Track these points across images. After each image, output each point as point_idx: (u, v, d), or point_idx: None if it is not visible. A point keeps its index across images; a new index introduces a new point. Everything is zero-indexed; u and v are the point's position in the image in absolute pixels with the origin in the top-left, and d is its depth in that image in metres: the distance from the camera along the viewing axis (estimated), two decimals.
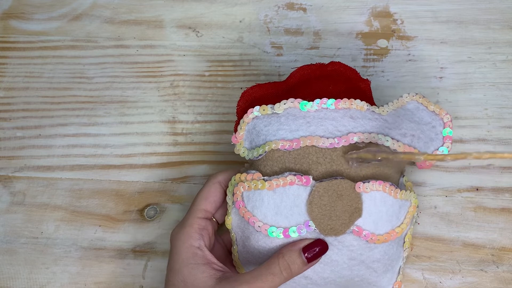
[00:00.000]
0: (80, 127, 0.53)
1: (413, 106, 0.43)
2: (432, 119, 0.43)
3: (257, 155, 0.41)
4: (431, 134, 0.43)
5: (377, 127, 0.41)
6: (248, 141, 0.42)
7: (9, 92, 0.55)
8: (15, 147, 0.53)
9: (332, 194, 0.39)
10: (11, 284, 0.47)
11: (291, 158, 0.40)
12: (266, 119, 0.42)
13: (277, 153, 0.40)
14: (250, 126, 0.42)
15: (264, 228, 0.39)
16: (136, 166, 0.51)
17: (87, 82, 0.55)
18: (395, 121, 0.42)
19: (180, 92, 0.54)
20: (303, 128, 0.40)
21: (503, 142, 0.50)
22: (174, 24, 0.57)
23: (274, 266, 0.38)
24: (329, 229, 0.39)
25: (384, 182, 0.39)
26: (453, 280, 0.46)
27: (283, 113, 0.41)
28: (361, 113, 0.41)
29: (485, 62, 0.53)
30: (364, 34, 0.55)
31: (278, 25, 0.56)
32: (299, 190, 0.39)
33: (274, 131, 0.41)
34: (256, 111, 0.42)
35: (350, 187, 0.39)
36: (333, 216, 0.39)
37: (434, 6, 0.56)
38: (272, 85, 0.45)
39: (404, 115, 0.43)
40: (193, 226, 0.41)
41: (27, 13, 0.59)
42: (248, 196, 0.40)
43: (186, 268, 0.39)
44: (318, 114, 0.41)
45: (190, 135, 0.52)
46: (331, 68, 0.45)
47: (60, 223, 0.49)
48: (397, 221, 0.40)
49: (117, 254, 0.48)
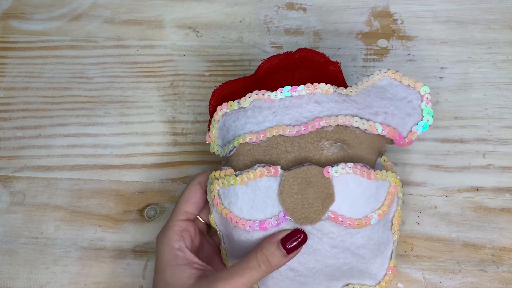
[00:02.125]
0: (80, 127, 0.53)
1: (385, 82, 0.41)
2: (408, 93, 0.41)
3: (228, 151, 0.41)
4: (408, 109, 0.41)
5: (345, 108, 0.40)
6: (220, 139, 0.43)
7: (9, 92, 0.55)
8: (15, 147, 0.53)
9: (301, 182, 0.38)
10: (11, 284, 0.47)
11: (260, 150, 0.40)
12: (234, 114, 0.42)
13: (247, 146, 0.40)
14: (220, 123, 0.43)
15: (241, 223, 0.39)
16: (136, 166, 0.51)
17: (87, 82, 0.55)
18: (365, 101, 0.41)
19: (180, 92, 0.54)
20: (269, 119, 0.40)
21: (503, 142, 0.50)
22: (174, 24, 0.57)
23: (252, 260, 0.38)
24: (304, 218, 0.38)
25: (355, 164, 0.38)
26: (453, 280, 0.46)
27: (249, 107, 0.41)
28: (327, 96, 0.40)
29: (485, 62, 0.53)
30: (364, 34, 0.55)
31: (278, 25, 0.56)
32: (269, 181, 0.39)
33: (242, 125, 0.41)
34: (225, 108, 0.42)
35: (318, 173, 0.38)
36: (306, 204, 0.38)
37: (434, 6, 0.56)
38: (241, 80, 0.45)
39: (376, 93, 0.41)
40: (174, 229, 0.41)
41: (27, 13, 0.59)
42: (224, 193, 0.40)
43: (168, 269, 0.40)
44: (283, 103, 0.41)
45: (190, 135, 0.52)
46: (298, 55, 0.44)
47: (60, 223, 0.49)
48: (376, 203, 0.39)
49: (117, 254, 0.48)
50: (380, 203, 0.40)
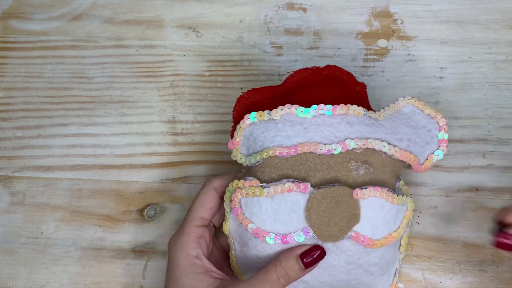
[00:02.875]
0: (80, 127, 0.53)
1: (409, 110, 0.43)
2: (428, 122, 0.43)
3: (254, 161, 0.41)
4: (427, 137, 0.43)
5: (374, 132, 0.41)
6: (245, 147, 0.42)
7: (9, 92, 0.55)
8: (15, 147, 0.53)
9: (330, 201, 0.39)
10: (11, 284, 0.47)
11: (289, 165, 0.40)
12: (263, 125, 0.42)
13: (275, 159, 0.40)
14: (247, 132, 0.42)
15: (263, 234, 0.39)
16: (136, 166, 0.51)
17: (87, 82, 0.55)
18: (392, 126, 0.42)
19: (180, 92, 0.54)
20: (300, 135, 0.40)
21: (503, 142, 0.50)
22: (174, 24, 0.57)
23: (271, 273, 0.38)
24: (327, 235, 0.39)
25: (382, 188, 0.39)
26: (453, 280, 0.46)
27: (280, 119, 0.41)
28: (358, 118, 0.41)
29: (485, 62, 0.53)
30: (364, 34, 0.55)
31: (278, 25, 0.56)
32: (297, 197, 0.39)
33: (271, 138, 0.41)
34: (252, 116, 0.42)
35: (348, 194, 0.39)
36: (331, 223, 0.39)
37: (434, 6, 0.56)
38: (268, 89, 0.45)
39: (401, 119, 0.43)
40: (190, 235, 0.41)
41: (27, 13, 0.59)
42: (246, 203, 0.40)
43: (185, 277, 0.39)
44: (315, 120, 0.41)
45: (190, 135, 0.52)
46: (327, 72, 0.45)
47: (60, 223, 0.49)
48: (394, 225, 0.41)
49: (117, 254, 0.48)
50: (397, 225, 0.41)
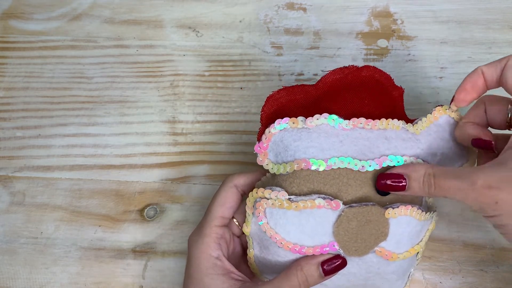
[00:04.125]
0: (80, 127, 0.53)
1: (444, 120, 0.41)
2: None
3: (283, 171, 0.39)
4: (458, 149, 0.41)
5: (410, 148, 0.39)
6: (273, 154, 0.39)
7: (9, 92, 0.55)
8: (15, 147, 0.53)
9: (361, 220, 0.38)
10: (11, 284, 0.47)
11: (320, 178, 0.38)
12: (296, 133, 0.39)
13: (307, 172, 0.38)
14: (277, 137, 0.39)
15: (287, 245, 0.39)
16: (136, 166, 0.51)
17: (87, 82, 0.55)
18: (427, 141, 0.40)
19: (180, 92, 0.54)
20: (335, 148, 0.38)
21: None
22: (174, 24, 0.57)
23: (293, 278, 0.38)
24: (354, 251, 0.38)
25: (412, 206, 0.38)
26: (453, 280, 0.46)
27: (315, 129, 0.38)
28: (395, 133, 0.39)
29: (485, 62, 0.53)
30: (364, 34, 0.55)
31: (278, 25, 0.56)
32: (327, 212, 0.38)
33: (304, 148, 0.38)
34: (285, 123, 0.39)
35: (379, 213, 0.38)
36: (359, 240, 0.38)
37: (434, 6, 0.56)
38: (300, 89, 0.41)
39: (436, 132, 0.41)
40: (211, 236, 0.40)
41: (26, 13, 0.59)
42: (272, 213, 0.39)
43: (206, 278, 0.39)
44: (352, 133, 0.39)
45: (190, 135, 0.52)
46: (365, 73, 0.42)
47: (60, 223, 0.49)
48: (417, 239, 0.40)
49: (117, 254, 0.48)
50: (420, 239, 0.40)
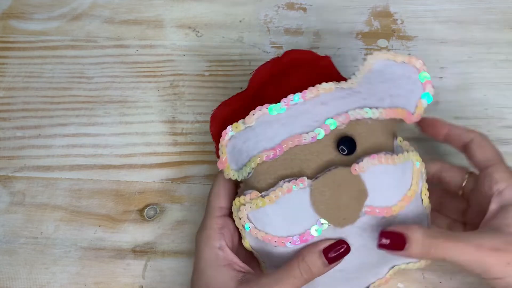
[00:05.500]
0: (80, 127, 0.53)
1: (380, 65, 0.41)
2: (404, 70, 0.40)
3: (246, 174, 0.40)
4: (409, 85, 0.40)
5: (352, 103, 0.39)
6: (234, 163, 0.41)
7: (9, 92, 0.55)
8: (15, 147, 0.53)
9: (331, 187, 0.37)
10: (11, 284, 0.47)
11: (280, 165, 0.39)
12: (243, 135, 0.40)
13: (265, 165, 0.39)
14: (229, 147, 0.41)
15: (281, 241, 0.39)
16: (136, 166, 0.51)
17: (87, 82, 0.55)
18: (368, 89, 0.40)
19: (180, 92, 0.54)
20: (280, 132, 0.39)
21: (503, 142, 0.50)
22: (174, 24, 0.57)
23: (294, 268, 0.38)
24: (342, 220, 0.37)
25: (378, 154, 0.38)
26: (453, 280, 0.46)
27: (256, 124, 0.39)
28: (331, 94, 0.39)
29: (485, 62, 0.53)
30: (364, 34, 0.55)
31: (278, 25, 0.56)
32: (299, 194, 0.38)
33: (254, 145, 0.40)
34: (230, 131, 0.40)
35: (346, 173, 0.37)
36: (342, 206, 0.37)
37: (434, 6, 0.56)
38: (236, 98, 0.43)
39: (375, 78, 0.41)
40: (213, 227, 0.41)
41: (27, 13, 0.59)
42: (254, 216, 0.39)
43: (209, 270, 0.39)
44: (290, 113, 0.39)
45: (190, 135, 0.52)
46: (286, 59, 0.43)
47: (60, 223, 0.49)
48: (405, 185, 0.39)
49: (117, 254, 0.48)
50: (409, 184, 0.39)
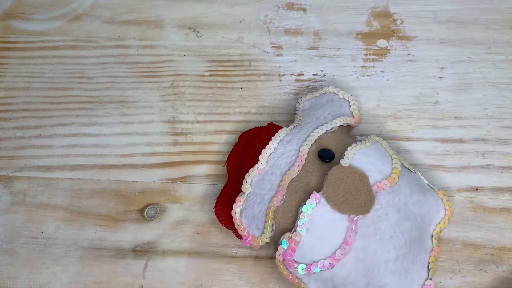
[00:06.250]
0: (80, 127, 0.53)
1: (308, 102, 0.49)
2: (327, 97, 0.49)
3: (270, 230, 0.43)
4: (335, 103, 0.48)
5: (307, 130, 0.46)
6: (255, 230, 0.44)
7: (9, 92, 0.55)
8: (15, 147, 0.53)
9: (338, 185, 0.42)
10: (11, 284, 0.47)
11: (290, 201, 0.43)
12: (248, 203, 0.44)
13: (279, 210, 0.43)
14: (244, 221, 0.44)
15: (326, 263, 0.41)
16: (136, 166, 0.51)
17: (87, 82, 0.55)
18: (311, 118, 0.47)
19: (180, 92, 0.54)
20: (272, 179, 0.44)
21: (503, 142, 0.50)
22: (174, 24, 0.57)
23: None
24: (364, 205, 0.41)
25: (352, 145, 0.44)
26: (453, 280, 0.46)
27: (253, 187, 0.44)
28: (291, 134, 0.46)
29: (485, 62, 0.53)
30: (364, 34, 0.55)
31: (278, 25, 0.56)
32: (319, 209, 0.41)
33: (261, 201, 0.43)
34: (237, 207, 0.44)
35: (341, 168, 0.42)
36: (356, 195, 0.42)
37: (434, 6, 0.56)
38: (225, 190, 0.47)
39: (310, 111, 0.48)
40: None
41: (27, 13, 0.59)
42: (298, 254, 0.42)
43: None
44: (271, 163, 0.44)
45: (190, 135, 0.52)
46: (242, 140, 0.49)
47: (60, 223, 0.49)
48: (387, 157, 0.44)
49: (117, 254, 0.48)
50: (388, 155, 0.45)
